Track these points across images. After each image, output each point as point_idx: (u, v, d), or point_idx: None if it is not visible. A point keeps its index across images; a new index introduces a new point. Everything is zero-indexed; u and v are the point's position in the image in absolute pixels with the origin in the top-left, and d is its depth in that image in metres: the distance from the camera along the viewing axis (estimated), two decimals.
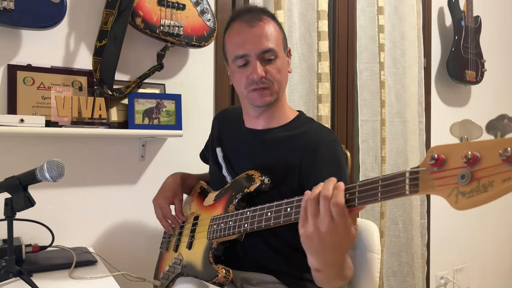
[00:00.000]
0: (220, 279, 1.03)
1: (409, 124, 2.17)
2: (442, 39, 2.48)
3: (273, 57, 1.07)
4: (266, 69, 1.07)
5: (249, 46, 1.06)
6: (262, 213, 0.93)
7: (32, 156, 1.42)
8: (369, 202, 0.73)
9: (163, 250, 1.32)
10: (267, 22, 1.09)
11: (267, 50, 1.06)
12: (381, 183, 0.71)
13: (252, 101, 1.11)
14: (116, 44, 1.44)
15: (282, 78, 1.11)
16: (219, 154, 1.24)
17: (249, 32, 1.07)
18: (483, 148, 0.58)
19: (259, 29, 1.07)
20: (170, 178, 1.35)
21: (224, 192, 1.15)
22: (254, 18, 1.08)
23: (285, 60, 1.13)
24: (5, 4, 1.27)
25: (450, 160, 0.61)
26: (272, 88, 1.09)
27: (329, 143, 1.09)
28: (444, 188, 0.62)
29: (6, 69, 1.38)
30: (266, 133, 1.16)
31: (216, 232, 1.07)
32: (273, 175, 1.06)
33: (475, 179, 0.58)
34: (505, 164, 0.55)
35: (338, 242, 0.79)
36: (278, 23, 1.13)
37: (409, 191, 0.67)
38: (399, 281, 2.18)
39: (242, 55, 1.07)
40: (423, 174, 0.65)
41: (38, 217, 1.33)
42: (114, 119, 1.51)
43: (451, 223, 2.55)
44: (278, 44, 1.09)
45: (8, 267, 1.04)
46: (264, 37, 1.06)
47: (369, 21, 2.08)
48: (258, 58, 1.06)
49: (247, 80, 1.08)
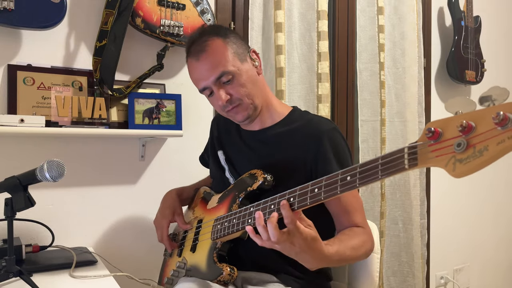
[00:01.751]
0: (225, 277, 1.03)
1: (409, 124, 2.16)
2: (442, 39, 2.48)
3: (230, 77, 1.09)
4: (227, 91, 1.10)
5: (203, 81, 1.11)
6: (266, 206, 0.93)
7: (32, 156, 1.42)
8: (370, 181, 0.75)
9: (166, 257, 1.32)
10: (211, 45, 1.09)
11: (219, 75, 1.08)
12: (381, 161, 0.73)
13: (233, 120, 1.17)
14: (116, 44, 1.44)
15: (250, 89, 1.11)
16: (221, 157, 1.25)
17: (198, 67, 1.11)
18: (477, 117, 0.60)
19: (205, 61, 1.09)
20: (166, 196, 1.36)
21: (228, 193, 1.15)
22: (198, 50, 1.10)
23: (246, 68, 1.12)
24: (5, 4, 1.27)
25: (446, 132, 0.64)
26: (243, 103, 1.11)
27: (330, 132, 1.11)
28: (442, 158, 0.64)
29: (6, 69, 1.38)
30: (264, 132, 1.18)
31: (220, 232, 1.07)
32: (278, 171, 1.07)
33: (470, 145, 0.60)
34: (499, 127, 0.57)
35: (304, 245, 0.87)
36: (224, 35, 1.11)
37: (408, 165, 0.68)
38: (399, 281, 2.18)
39: (203, 88, 1.12)
40: (421, 148, 0.67)
41: (38, 217, 1.34)
42: (114, 119, 1.51)
43: (451, 223, 2.55)
44: (229, 62, 1.08)
45: (8, 267, 1.04)
46: (212, 65, 1.08)
47: (369, 21, 2.08)
48: (217, 85, 1.09)
49: (219, 107, 1.13)
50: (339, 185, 0.80)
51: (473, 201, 2.66)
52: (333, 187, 0.81)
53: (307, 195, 0.85)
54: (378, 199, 2.07)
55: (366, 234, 1.07)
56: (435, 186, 2.40)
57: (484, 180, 2.69)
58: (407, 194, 2.16)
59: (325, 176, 0.84)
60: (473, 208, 2.66)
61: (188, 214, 1.31)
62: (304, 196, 0.86)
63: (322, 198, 0.83)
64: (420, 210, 2.20)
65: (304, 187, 0.87)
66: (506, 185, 2.82)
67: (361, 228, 1.08)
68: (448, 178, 2.33)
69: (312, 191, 0.85)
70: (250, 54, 1.15)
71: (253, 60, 1.15)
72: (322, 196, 0.83)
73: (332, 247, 0.95)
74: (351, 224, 1.08)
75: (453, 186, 2.53)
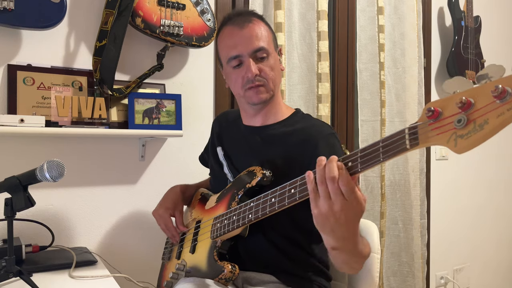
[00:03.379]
0: (227, 275, 1.02)
1: (409, 124, 2.16)
2: (442, 39, 2.48)
3: (265, 55, 1.11)
4: (260, 67, 1.11)
5: (241, 47, 1.10)
6: (266, 199, 0.93)
7: (32, 156, 1.42)
8: (372, 164, 0.74)
9: (165, 261, 1.31)
10: (257, 23, 1.13)
11: (258, 49, 1.10)
12: (382, 144, 0.73)
13: (249, 100, 1.15)
14: (116, 44, 1.44)
15: (276, 75, 1.14)
16: (220, 153, 1.25)
17: (240, 33, 1.11)
18: (476, 93, 0.61)
19: (249, 30, 1.11)
20: (170, 190, 1.36)
21: (226, 192, 1.15)
22: (243, 20, 1.12)
23: (277, 58, 1.17)
24: (5, 4, 1.27)
25: (445, 110, 0.64)
26: (267, 85, 1.12)
27: (328, 137, 1.12)
28: (443, 136, 0.64)
29: (6, 69, 1.38)
30: (265, 129, 1.18)
31: (220, 230, 1.07)
32: (275, 169, 1.07)
33: (471, 120, 0.60)
34: (497, 100, 0.57)
35: (352, 217, 0.81)
36: (268, 24, 1.17)
37: (409, 145, 0.68)
38: (399, 281, 2.18)
39: (236, 56, 1.11)
40: (422, 127, 0.67)
41: (38, 217, 1.34)
42: (114, 119, 1.51)
43: (451, 223, 2.55)
44: (268, 43, 1.13)
45: (8, 267, 1.04)
46: (255, 37, 1.10)
47: (369, 21, 2.08)
48: (251, 57, 1.10)
49: (242, 80, 1.12)
50: None
51: (473, 201, 2.66)
52: None
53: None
54: (378, 199, 2.07)
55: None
56: (435, 186, 2.40)
57: (485, 180, 2.69)
58: (407, 194, 2.16)
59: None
60: (473, 208, 2.66)
61: (186, 216, 1.31)
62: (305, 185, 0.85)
63: None
64: (420, 210, 2.20)
65: (304, 178, 0.86)
66: (506, 185, 2.83)
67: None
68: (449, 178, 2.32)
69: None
70: (279, 50, 1.20)
71: (279, 56, 1.19)
72: None
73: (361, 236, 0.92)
74: None
75: (453, 187, 2.53)
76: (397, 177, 2.15)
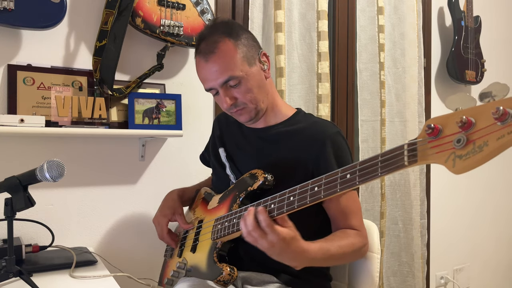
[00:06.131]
0: (225, 277, 1.03)
1: (409, 124, 2.16)
2: (442, 39, 2.48)
3: (237, 82, 1.07)
4: (234, 95, 1.09)
5: (210, 82, 1.10)
6: (266, 205, 0.93)
7: (32, 156, 1.42)
8: (370, 178, 0.74)
9: (167, 258, 1.32)
10: (222, 47, 1.06)
11: (227, 79, 1.07)
12: (381, 158, 0.72)
13: (237, 119, 1.17)
14: (116, 44, 1.44)
15: (256, 93, 1.10)
16: (222, 154, 1.25)
17: (206, 67, 1.09)
18: (477, 112, 0.60)
19: (213, 64, 1.07)
20: (168, 196, 1.36)
21: (228, 194, 1.15)
22: (207, 49, 1.07)
23: (254, 73, 1.10)
24: (5, 4, 1.27)
25: (446, 128, 0.63)
26: (247, 107, 1.12)
27: (334, 136, 1.11)
28: (441, 155, 0.63)
29: (6, 69, 1.38)
30: (268, 130, 1.18)
31: (221, 231, 1.07)
32: (278, 170, 1.07)
33: (470, 141, 0.60)
34: (498, 122, 0.57)
35: (285, 246, 0.89)
36: (235, 37, 1.08)
37: (407, 162, 0.68)
38: (399, 281, 2.18)
39: (209, 89, 1.12)
40: (421, 144, 0.66)
41: (38, 217, 1.34)
42: (114, 119, 1.51)
43: (451, 223, 2.55)
44: (238, 66, 1.07)
45: (8, 267, 1.04)
46: (220, 70, 1.06)
47: (369, 21, 2.08)
48: (223, 88, 1.09)
49: (223, 107, 1.13)
50: (339, 182, 0.80)
51: (473, 201, 2.66)
52: (332, 185, 0.81)
53: (307, 193, 0.86)
54: (378, 199, 2.07)
55: (359, 236, 1.07)
56: (435, 186, 2.40)
57: (484, 180, 2.69)
58: (407, 194, 2.16)
59: (325, 174, 0.84)
60: (473, 208, 2.66)
61: (188, 215, 1.31)
62: (304, 194, 0.86)
63: (322, 197, 0.83)
64: (420, 210, 2.20)
65: (304, 186, 0.87)
66: (506, 185, 2.83)
67: (354, 231, 1.07)
68: (448, 178, 2.33)
69: (312, 189, 0.85)
70: (260, 56, 1.13)
71: (262, 64, 1.13)
72: (322, 194, 0.83)
73: (314, 244, 0.95)
74: (346, 227, 1.08)
75: (453, 186, 2.53)
76: (397, 177, 2.15)
